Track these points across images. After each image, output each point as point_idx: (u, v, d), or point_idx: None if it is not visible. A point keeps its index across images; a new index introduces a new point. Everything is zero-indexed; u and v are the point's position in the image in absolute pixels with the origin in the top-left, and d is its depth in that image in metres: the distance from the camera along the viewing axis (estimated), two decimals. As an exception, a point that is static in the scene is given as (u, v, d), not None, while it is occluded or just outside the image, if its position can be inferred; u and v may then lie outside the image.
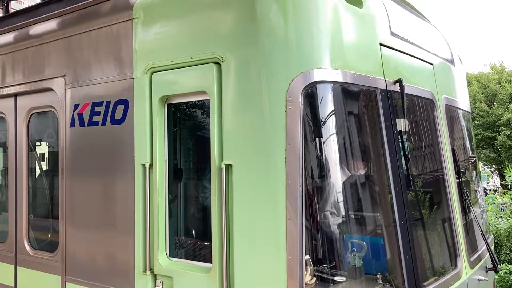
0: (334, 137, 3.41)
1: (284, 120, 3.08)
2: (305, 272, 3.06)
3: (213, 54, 3.35)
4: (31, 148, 5.00)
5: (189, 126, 3.95)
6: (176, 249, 3.81)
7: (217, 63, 3.35)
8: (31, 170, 5.00)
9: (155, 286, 3.63)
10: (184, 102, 3.74)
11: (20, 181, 4.92)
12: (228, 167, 3.26)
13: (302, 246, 2.99)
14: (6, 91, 4.98)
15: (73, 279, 4.21)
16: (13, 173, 4.98)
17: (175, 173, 3.86)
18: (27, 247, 4.81)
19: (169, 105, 3.74)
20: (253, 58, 3.21)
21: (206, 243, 3.81)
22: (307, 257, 3.14)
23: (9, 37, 5.07)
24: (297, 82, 3.10)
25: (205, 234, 3.80)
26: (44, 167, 5.21)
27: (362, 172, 3.56)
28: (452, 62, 5.24)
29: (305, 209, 3.06)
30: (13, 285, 4.93)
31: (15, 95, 4.99)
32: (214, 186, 3.33)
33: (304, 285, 3.00)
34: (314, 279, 3.24)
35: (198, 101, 3.67)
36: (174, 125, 3.83)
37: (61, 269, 4.32)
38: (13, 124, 5.03)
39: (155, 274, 3.64)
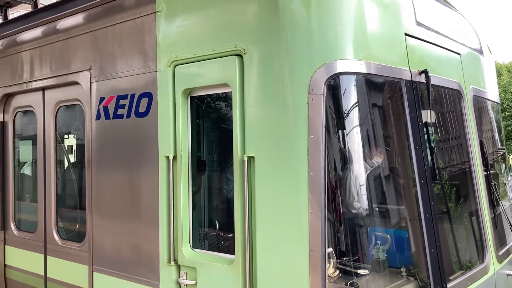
0: (358, 129, 3.37)
1: (306, 112, 3.06)
2: (328, 265, 3.05)
3: (235, 47, 3.35)
4: (58, 140, 5.11)
5: (212, 119, 3.97)
6: (200, 241, 3.85)
7: (239, 55, 3.35)
8: (59, 162, 5.12)
9: (179, 277, 3.68)
10: (206, 95, 3.75)
11: (48, 173, 5.05)
12: (251, 159, 3.26)
13: (325, 239, 2.98)
14: (34, 85, 5.10)
15: (100, 269, 4.31)
16: (41, 165, 5.12)
17: (198, 165, 3.89)
18: (56, 237, 4.95)
19: (192, 98, 3.76)
20: (275, 50, 3.19)
21: (229, 235, 3.84)
22: (330, 249, 3.13)
23: (37, 32, 5.18)
24: (319, 74, 3.07)
25: (228, 225, 3.82)
26: (72, 159, 5.33)
27: (379, 160, 3.49)
28: (480, 51, 5.10)
29: (327, 201, 3.04)
30: (43, 273, 5.09)
31: (43, 88, 5.11)
32: (237, 178, 3.34)
33: (326, 278, 2.99)
34: (337, 271, 3.23)
35: (220, 93, 3.68)
36: (197, 118, 3.86)
37: (88, 259, 4.42)
38: (41, 117, 5.15)
39: (179, 265, 3.69)
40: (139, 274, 3.96)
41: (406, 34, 3.65)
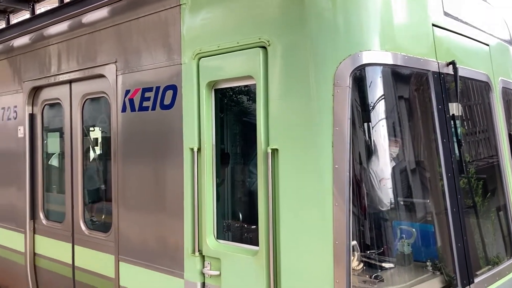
0: (383, 121, 3.34)
1: (331, 104, 3.03)
2: (352, 258, 3.04)
3: (259, 38, 3.34)
4: (85, 132, 5.21)
5: (236, 111, 3.98)
6: (224, 232, 3.88)
7: (264, 47, 3.34)
8: (86, 154, 5.22)
9: (204, 267, 3.72)
10: (231, 87, 3.76)
11: (75, 164, 5.15)
12: (274, 151, 3.26)
13: (349, 231, 2.97)
14: (62, 78, 5.20)
15: (125, 258, 4.38)
16: (69, 157, 5.22)
17: (222, 157, 3.91)
18: (83, 227, 5.05)
19: (216, 90, 3.78)
20: (300, 41, 3.17)
21: (252, 227, 3.86)
22: (354, 242, 3.11)
23: (63, 26, 5.27)
24: (345, 65, 3.04)
25: (252, 217, 3.84)
26: (98, 151, 5.43)
27: (396, 150, 3.44)
28: (510, 42, 4.97)
29: (352, 194, 3.02)
30: (71, 262, 5.21)
31: (70, 81, 5.21)
32: (261, 171, 3.35)
33: (351, 271, 2.97)
34: (361, 264, 3.22)
35: (244, 85, 3.68)
36: (221, 110, 3.87)
37: (115, 249, 4.51)
38: (69, 110, 5.25)
39: (203, 256, 3.73)
40: (164, 264, 4.02)
41: (433, 25, 3.58)
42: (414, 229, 3.44)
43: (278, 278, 3.24)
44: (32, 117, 5.77)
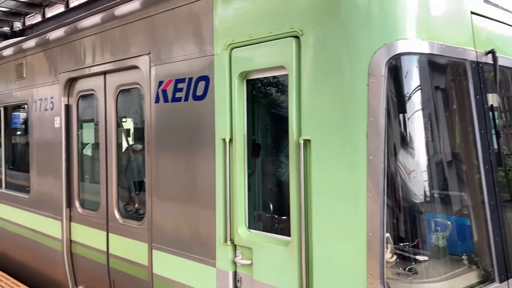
0: (419, 112, 3.27)
1: (366, 94, 2.99)
2: (385, 250, 3.00)
3: (292, 28, 3.32)
4: (119, 123, 5.31)
5: (267, 101, 3.97)
6: (255, 222, 3.90)
7: (296, 37, 3.31)
8: (120, 145, 5.32)
9: (235, 256, 3.76)
10: (263, 78, 3.75)
11: (110, 154, 5.26)
12: (307, 142, 3.24)
13: (383, 223, 2.93)
14: (96, 69, 5.31)
15: (158, 246, 4.47)
16: (103, 147, 5.34)
17: (254, 148, 3.92)
18: (117, 216, 5.17)
19: (248, 81, 3.78)
20: (333, 30, 3.13)
21: (284, 217, 3.87)
22: (387, 234, 3.07)
23: (98, 18, 5.37)
24: (380, 54, 2.99)
25: (283, 208, 3.84)
26: (131, 142, 5.53)
27: (431, 142, 3.37)
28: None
29: (386, 186, 2.98)
30: (105, 249, 5.35)
31: (104, 73, 5.31)
32: (293, 161, 3.34)
33: (384, 263, 2.94)
34: (395, 257, 3.18)
35: (276, 76, 3.67)
36: (253, 100, 3.87)
37: (148, 237, 4.60)
38: (103, 101, 5.36)
39: (235, 245, 3.76)
40: (196, 252, 4.08)
41: (472, 13, 3.47)
42: (449, 222, 3.36)
43: (310, 268, 3.25)
44: (68, 108, 5.92)
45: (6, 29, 19.70)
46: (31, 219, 6.68)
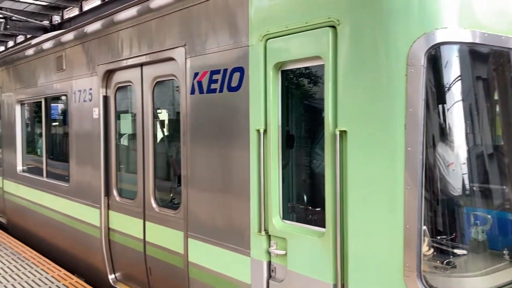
0: (459, 103, 3.18)
1: (404, 84, 2.94)
2: (422, 243, 2.96)
3: (328, 18, 3.28)
4: (156, 114, 5.41)
5: (302, 92, 3.96)
6: (289, 213, 3.91)
7: (333, 27, 3.28)
8: (156, 135, 5.43)
9: (270, 246, 3.79)
10: (298, 68, 3.74)
11: (147, 145, 5.38)
12: (343, 133, 3.22)
13: (421, 215, 2.89)
14: (133, 61, 5.41)
15: (194, 235, 4.55)
16: (140, 137, 5.46)
17: (288, 139, 3.92)
18: (154, 204, 5.29)
19: (283, 72, 3.77)
20: (371, 20, 3.08)
21: (317, 208, 3.86)
22: (424, 227, 3.03)
23: (134, 11, 5.46)
24: (419, 44, 2.92)
25: (317, 199, 3.84)
26: (167, 133, 5.62)
27: (472, 133, 3.27)
28: None
29: (424, 178, 2.93)
30: (142, 237, 5.49)
31: (141, 64, 5.41)
32: (328, 153, 3.33)
33: (422, 256, 2.90)
34: (432, 250, 3.13)
35: (312, 66, 3.65)
36: (287, 91, 3.87)
37: (183, 226, 4.69)
38: (140, 92, 5.47)
39: (269, 235, 3.79)
40: (231, 242, 4.13)
41: (516, -1, 3.34)
42: (489, 216, 3.28)
43: (345, 260, 3.24)
44: (106, 99, 6.07)
45: (45, 22, 20.31)
46: (71, 207, 6.92)
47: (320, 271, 3.39)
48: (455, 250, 3.15)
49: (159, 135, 5.55)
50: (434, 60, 3.02)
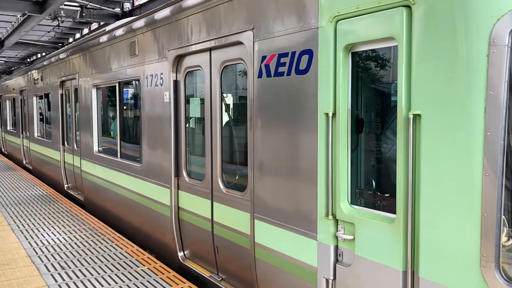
0: (547, 84, 2.96)
1: (485, 65, 2.77)
2: (501, 232, 2.82)
3: None
4: (223, 98, 5.51)
5: (373, 75, 3.86)
6: (357, 198, 3.87)
7: (407, 6, 3.15)
8: (223, 119, 5.54)
9: (337, 231, 3.77)
10: (369, 50, 3.64)
11: (214, 128, 5.51)
12: (416, 117, 3.12)
13: (501, 204, 2.74)
14: (202, 46, 5.52)
15: (260, 217, 4.63)
16: (209, 121, 5.60)
17: (357, 123, 3.85)
18: (221, 186, 5.43)
19: (353, 54, 3.70)
20: (450, -2, 2.92)
21: (386, 194, 3.78)
22: (504, 216, 2.87)
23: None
24: (503, 22, 2.74)
25: (387, 184, 3.76)
26: (234, 116, 5.72)
27: None
28: None
29: (505, 165, 2.77)
30: (210, 217, 5.67)
31: (210, 49, 5.51)
32: (400, 137, 3.24)
33: (500, 246, 2.77)
34: (511, 240, 2.97)
35: (384, 48, 3.53)
36: (357, 74, 3.79)
37: (250, 208, 4.78)
38: (208, 76, 5.59)
39: (337, 220, 3.77)
40: (297, 225, 4.16)
41: None
42: None
43: (416, 247, 3.16)
44: (176, 83, 6.26)
45: (117, 10, 21.18)
46: (143, 186, 7.28)
47: (389, 257, 3.33)
48: (538, 242, 2.97)
49: (227, 119, 5.66)
50: (520, 39, 2.81)
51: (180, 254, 6.39)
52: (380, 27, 3.35)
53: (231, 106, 5.68)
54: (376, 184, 3.96)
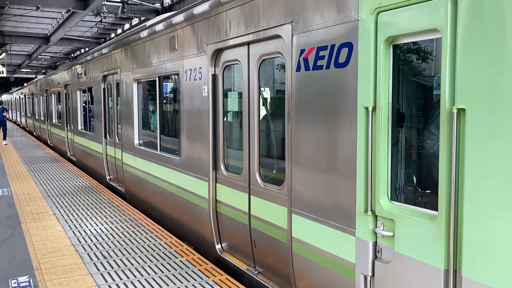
0: None
1: (536, 57, 2.64)
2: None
3: None
4: (261, 92, 5.51)
5: (415, 68, 3.75)
6: (397, 194, 3.79)
7: None
8: (261, 113, 5.54)
9: (376, 227, 3.71)
10: (411, 42, 3.54)
11: (252, 122, 5.52)
12: (461, 111, 3.01)
13: (552, 203, 2.62)
14: (241, 40, 5.53)
15: (297, 211, 4.62)
16: (246, 115, 5.61)
17: (398, 117, 3.76)
18: (258, 180, 5.45)
19: (394, 46, 3.61)
20: (499, -13, 2.79)
21: (427, 191, 3.68)
22: (554, 216, 2.74)
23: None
24: (557, 12, 2.60)
25: (428, 181, 3.66)
26: (272, 110, 5.71)
27: None
28: None
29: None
30: (247, 210, 5.70)
31: (248, 43, 5.51)
32: (443, 132, 3.14)
33: (551, 247, 2.65)
34: None
35: (426, 40, 3.43)
36: (398, 67, 3.70)
37: (287, 202, 4.77)
38: (247, 70, 5.60)
39: (376, 216, 3.71)
40: (335, 220, 4.12)
41: None
42: None
43: (458, 246, 3.07)
44: (214, 77, 6.31)
45: (157, 5, 21.54)
46: (182, 179, 7.40)
47: (431, 255, 3.25)
48: None
49: (264, 113, 5.66)
50: None
51: (218, 246, 6.47)
52: (423, 18, 3.25)
53: (269, 100, 5.67)
54: (417, 180, 3.86)
